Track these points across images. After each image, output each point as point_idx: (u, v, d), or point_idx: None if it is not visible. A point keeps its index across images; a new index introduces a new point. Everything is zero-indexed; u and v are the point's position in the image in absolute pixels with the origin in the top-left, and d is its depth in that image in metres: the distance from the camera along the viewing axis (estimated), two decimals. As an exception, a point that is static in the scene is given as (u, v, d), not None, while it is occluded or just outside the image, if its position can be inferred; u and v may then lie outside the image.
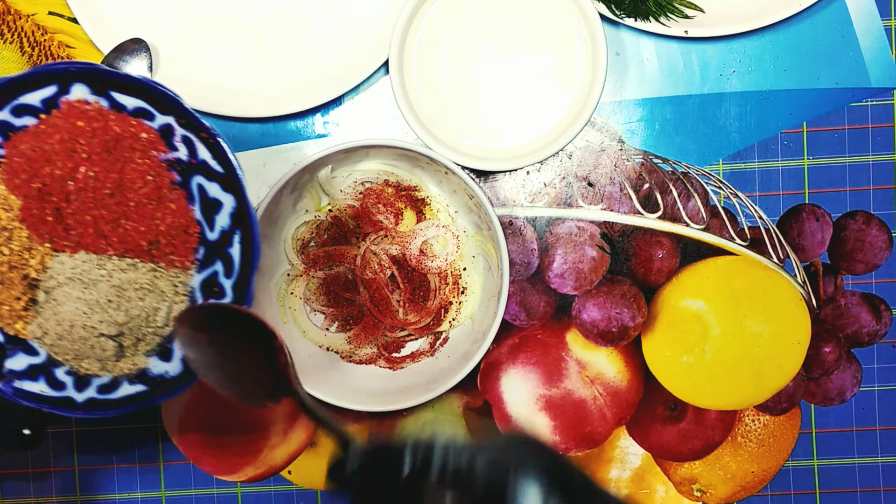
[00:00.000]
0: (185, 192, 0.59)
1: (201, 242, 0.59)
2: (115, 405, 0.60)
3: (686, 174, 0.71)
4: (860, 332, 0.72)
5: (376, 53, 0.68)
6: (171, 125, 0.59)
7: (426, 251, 0.69)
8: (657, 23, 0.68)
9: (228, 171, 0.58)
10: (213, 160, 0.58)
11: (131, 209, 0.58)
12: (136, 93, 0.58)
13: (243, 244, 0.59)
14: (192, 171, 0.59)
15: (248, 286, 0.59)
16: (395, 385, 0.68)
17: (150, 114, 0.59)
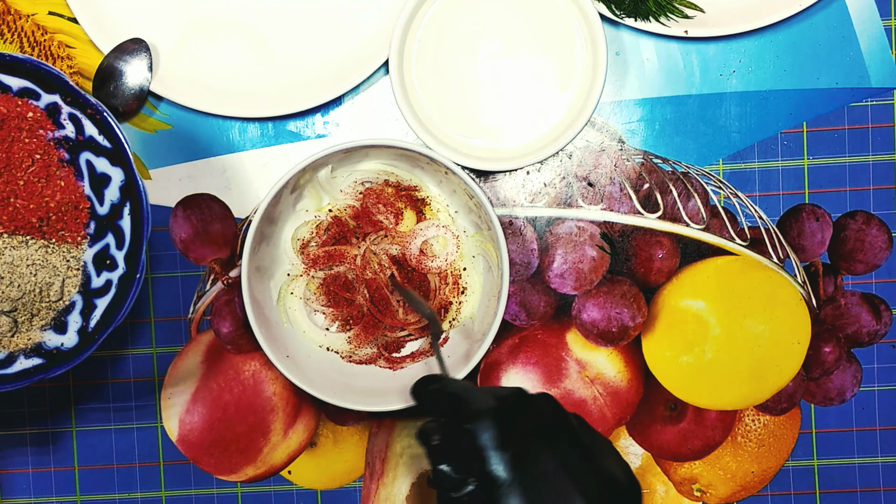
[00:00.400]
0: (73, 169, 0.61)
1: (92, 217, 0.61)
2: (11, 379, 0.62)
3: (686, 174, 0.71)
4: (860, 332, 0.72)
5: (376, 53, 0.68)
6: (58, 103, 0.60)
7: (426, 251, 0.69)
8: (657, 23, 0.68)
9: (115, 146, 0.60)
10: (100, 135, 0.60)
11: (20, 188, 0.60)
12: (20, 73, 0.59)
13: (133, 215, 0.61)
14: (79, 147, 0.61)
15: (138, 256, 0.61)
16: (395, 385, 0.68)
17: (35, 93, 0.60)
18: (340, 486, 0.74)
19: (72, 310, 0.63)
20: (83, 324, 0.63)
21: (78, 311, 0.63)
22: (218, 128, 0.72)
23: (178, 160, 0.72)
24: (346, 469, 0.73)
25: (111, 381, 0.74)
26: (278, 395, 0.72)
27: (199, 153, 0.72)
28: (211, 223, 0.71)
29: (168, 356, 0.73)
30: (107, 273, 0.62)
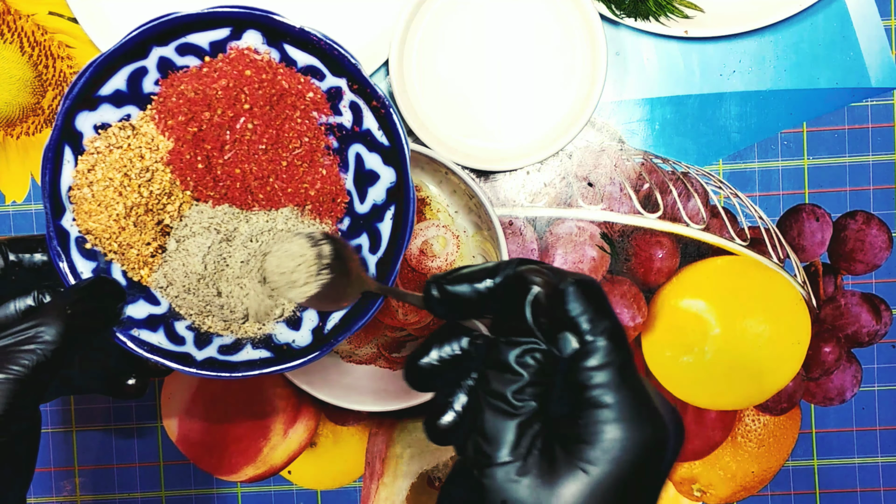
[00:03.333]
0: (339, 159, 0.56)
1: (348, 213, 0.56)
2: (234, 367, 0.56)
3: (686, 174, 0.71)
4: (860, 332, 0.72)
5: (376, 53, 0.68)
6: (342, 89, 0.55)
7: (426, 251, 0.69)
8: (657, 23, 0.68)
9: (394, 145, 0.55)
10: (380, 130, 0.55)
11: (282, 169, 0.55)
12: (311, 49, 0.54)
13: (395, 221, 0.55)
14: (352, 138, 0.55)
15: (393, 266, 0.55)
16: (395, 385, 0.68)
17: (321, 73, 0.55)
18: (340, 486, 0.74)
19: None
20: (319, 324, 0.56)
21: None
22: (218, 128, 0.72)
23: (178, 160, 0.72)
24: (346, 469, 0.73)
25: (111, 381, 0.74)
26: (278, 395, 0.72)
27: (199, 153, 0.72)
28: (211, 223, 0.71)
29: (168, 356, 0.73)
30: None
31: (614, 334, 0.38)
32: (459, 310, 0.40)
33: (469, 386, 0.41)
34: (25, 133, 0.72)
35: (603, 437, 0.36)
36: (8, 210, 0.73)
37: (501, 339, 0.38)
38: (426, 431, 0.42)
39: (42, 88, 0.72)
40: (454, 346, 0.42)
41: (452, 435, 0.41)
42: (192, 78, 0.54)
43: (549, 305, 0.38)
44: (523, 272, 0.39)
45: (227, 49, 0.54)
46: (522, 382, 0.37)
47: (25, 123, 0.72)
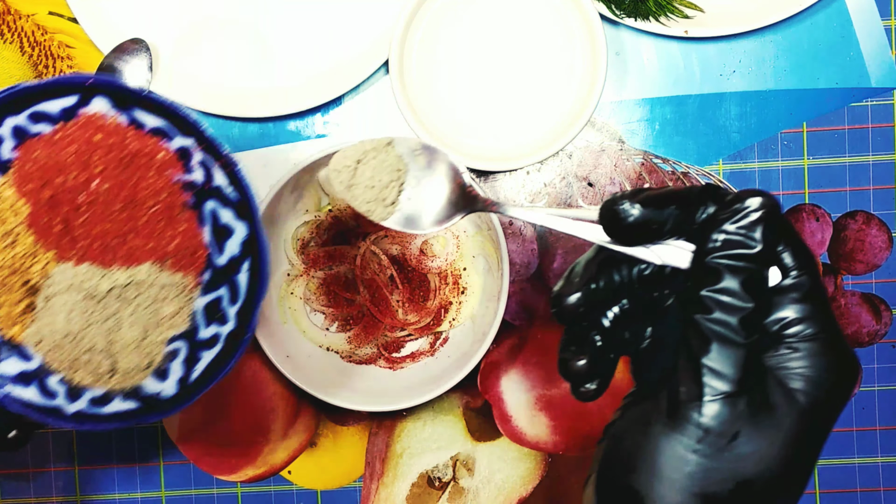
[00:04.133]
0: (196, 214, 0.59)
1: (208, 266, 0.59)
2: (105, 419, 0.60)
3: (686, 174, 0.71)
4: (860, 332, 0.72)
5: (376, 53, 0.68)
6: (189, 148, 0.58)
7: (426, 251, 0.69)
8: (657, 23, 0.68)
9: (244, 199, 0.58)
10: (230, 186, 0.58)
11: (141, 226, 0.58)
12: (156, 111, 0.58)
13: (251, 273, 0.59)
14: (206, 195, 0.59)
15: (252, 315, 0.59)
16: (395, 385, 0.68)
17: (169, 134, 0.58)
18: (340, 486, 0.74)
19: (175, 357, 0.61)
20: (185, 374, 0.60)
21: (181, 359, 0.60)
22: (218, 128, 0.72)
23: (178, 160, 0.72)
24: (346, 469, 0.73)
25: (111, 381, 0.74)
26: (278, 395, 0.72)
27: (199, 153, 0.72)
28: (211, 223, 0.71)
29: (168, 356, 0.73)
30: (216, 326, 0.60)
31: (814, 269, 0.37)
32: (648, 233, 0.38)
33: (614, 318, 0.40)
34: (25, 133, 0.72)
35: (811, 371, 0.36)
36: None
37: (724, 262, 0.36)
38: (560, 367, 0.40)
39: (42, 88, 0.72)
40: (617, 275, 0.40)
41: (580, 373, 0.40)
42: (46, 144, 0.57)
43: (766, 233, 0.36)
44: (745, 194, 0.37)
45: (78, 115, 0.58)
46: (749, 310, 0.36)
47: (25, 123, 0.72)
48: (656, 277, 0.40)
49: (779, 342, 0.37)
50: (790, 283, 0.37)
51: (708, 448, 0.36)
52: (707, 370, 0.35)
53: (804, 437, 0.36)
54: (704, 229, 0.37)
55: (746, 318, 0.35)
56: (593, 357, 0.40)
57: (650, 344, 0.42)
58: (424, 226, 0.46)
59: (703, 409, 0.35)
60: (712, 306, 0.36)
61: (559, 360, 0.40)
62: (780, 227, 0.37)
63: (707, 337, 0.36)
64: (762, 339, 0.37)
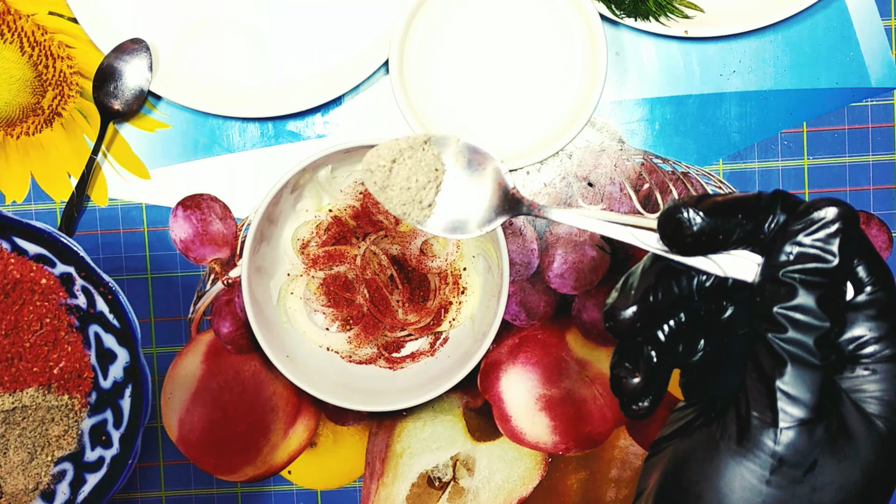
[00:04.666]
0: (82, 337, 0.60)
1: (94, 387, 0.61)
2: None
3: (686, 174, 0.71)
4: (860, 332, 0.72)
5: (376, 53, 0.68)
6: (72, 275, 0.59)
7: (426, 251, 0.69)
8: (657, 23, 0.68)
9: (124, 327, 0.59)
10: (111, 314, 0.59)
11: (26, 350, 0.60)
12: (38, 241, 0.59)
13: (133, 398, 0.60)
14: (90, 319, 0.60)
15: (135, 440, 0.60)
16: (395, 385, 0.68)
17: (51, 261, 0.59)
18: (340, 486, 0.74)
19: (62, 479, 0.62)
20: (70, 496, 0.61)
21: (68, 481, 0.62)
22: (218, 128, 0.72)
23: (178, 160, 0.72)
24: (346, 469, 0.73)
25: (111, 381, 0.74)
26: (278, 395, 0.72)
27: (199, 153, 0.72)
28: (211, 223, 0.71)
29: (168, 356, 0.73)
30: (101, 449, 0.61)
31: (891, 284, 0.35)
32: (712, 243, 0.35)
33: (670, 332, 0.37)
34: (25, 133, 0.72)
35: (893, 391, 0.34)
36: (8, 210, 0.73)
37: (799, 276, 0.33)
38: (612, 385, 0.38)
39: (42, 88, 0.72)
40: (675, 287, 0.37)
41: (634, 390, 0.37)
42: None
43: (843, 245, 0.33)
44: (816, 204, 0.34)
45: None
46: (826, 329, 0.33)
47: (25, 123, 0.72)
48: (718, 290, 0.37)
49: (854, 363, 0.35)
50: (865, 300, 0.35)
51: (782, 479, 0.33)
52: (782, 394, 0.33)
53: (884, 464, 0.34)
54: (776, 241, 0.34)
55: (823, 337, 0.33)
56: (648, 374, 0.37)
57: (703, 357, 0.39)
58: (468, 230, 0.43)
59: (779, 436, 0.33)
60: (786, 324, 0.33)
61: (611, 377, 0.38)
62: (858, 239, 0.34)
63: (781, 358, 0.33)
64: (837, 360, 0.35)
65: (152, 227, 0.73)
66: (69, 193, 0.72)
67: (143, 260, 0.73)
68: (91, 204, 0.73)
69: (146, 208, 0.73)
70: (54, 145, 0.72)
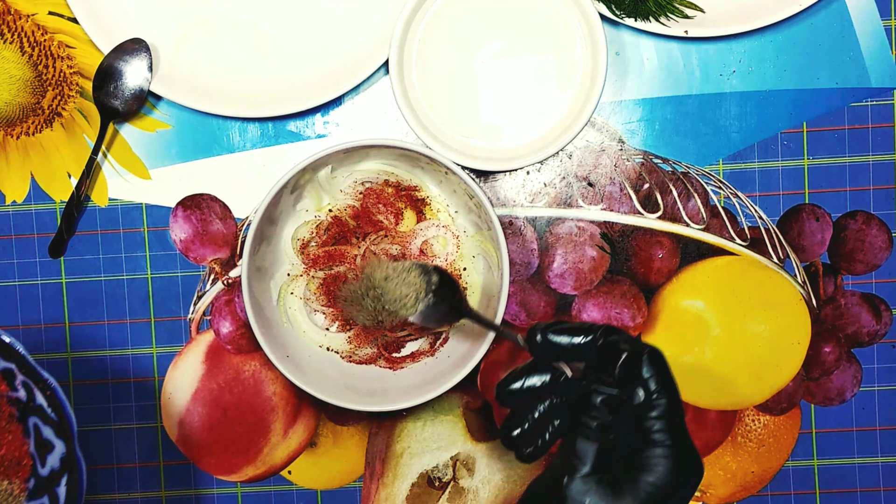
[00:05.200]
0: (22, 427, 0.63)
1: (33, 475, 0.63)
2: None
3: (686, 174, 0.71)
4: (860, 332, 0.72)
5: (376, 53, 0.68)
6: (13, 370, 0.62)
7: (426, 251, 0.69)
8: (657, 23, 0.68)
9: (62, 420, 0.62)
10: (49, 407, 0.62)
11: None
12: None
13: (69, 487, 0.62)
14: (29, 411, 0.63)
15: None
16: (395, 385, 0.68)
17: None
18: (340, 486, 0.74)
19: None
20: None
21: None
22: (218, 128, 0.72)
23: (178, 160, 0.72)
24: (346, 469, 0.73)
25: (111, 381, 0.74)
26: (278, 395, 0.72)
27: (199, 153, 0.72)
28: (211, 223, 0.71)
29: (168, 356, 0.73)
30: None
31: (673, 394, 0.50)
32: (553, 354, 0.53)
33: (543, 408, 0.53)
34: (25, 133, 0.72)
35: (658, 468, 0.49)
36: (8, 210, 0.73)
37: (593, 386, 0.51)
38: (501, 437, 0.54)
39: (42, 88, 0.72)
40: (540, 378, 0.54)
41: (519, 442, 0.54)
42: None
43: (629, 367, 0.50)
44: (616, 341, 0.51)
45: None
46: (605, 420, 0.50)
47: (25, 123, 0.72)
48: (570, 383, 0.54)
49: (650, 444, 0.50)
50: (652, 402, 0.50)
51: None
52: (573, 455, 0.51)
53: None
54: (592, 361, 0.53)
55: (602, 425, 0.51)
56: (529, 429, 0.53)
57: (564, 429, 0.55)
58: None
59: (570, 481, 0.51)
60: (582, 413, 0.51)
61: (502, 437, 0.54)
62: (651, 360, 0.50)
63: (575, 432, 0.51)
64: (625, 439, 0.50)
65: (152, 227, 0.73)
66: (69, 193, 0.72)
67: (143, 260, 0.73)
68: (91, 204, 0.73)
69: (146, 208, 0.73)
70: (54, 145, 0.72)
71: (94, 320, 0.73)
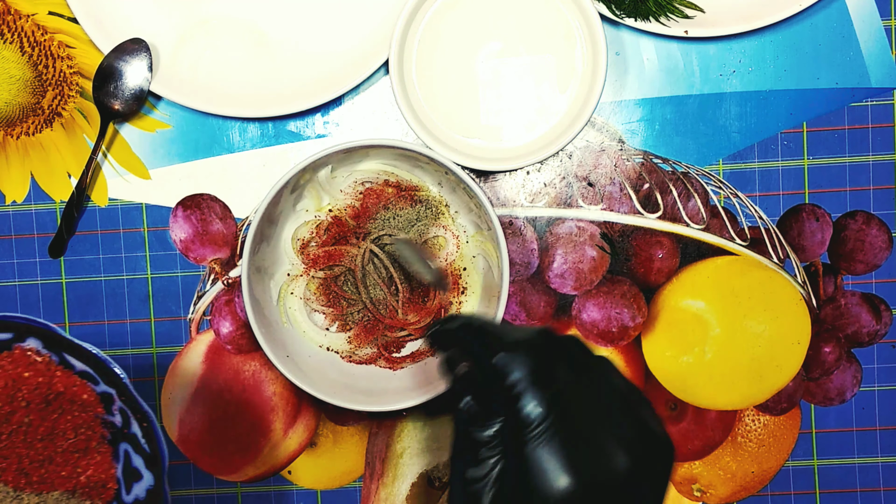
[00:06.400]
0: (112, 450, 0.63)
1: (116, 499, 0.63)
2: None
3: (686, 174, 0.71)
4: (860, 332, 0.72)
5: (376, 53, 0.68)
6: (113, 395, 0.62)
7: (426, 251, 0.69)
8: (657, 23, 0.68)
9: (155, 453, 0.62)
10: (143, 438, 0.62)
11: (57, 454, 0.62)
12: (85, 359, 0.62)
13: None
14: (122, 437, 0.63)
15: None
16: (395, 385, 0.68)
17: (95, 379, 0.62)
18: (340, 486, 0.74)
19: None
20: None
21: None
22: (218, 128, 0.72)
23: (178, 160, 0.72)
24: (346, 469, 0.73)
25: (111, 381, 0.74)
26: (278, 395, 0.72)
27: (199, 153, 0.72)
28: (211, 223, 0.71)
29: (168, 356, 0.73)
30: None
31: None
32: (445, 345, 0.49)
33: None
34: (25, 133, 0.72)
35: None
36: (8, 210, 0.73)
37: (471, 428, 0.45)
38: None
39: (42, 88, 0.72)
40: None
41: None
42: None
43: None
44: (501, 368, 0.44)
45: (12, 348, 0.62)
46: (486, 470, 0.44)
47: (25, 123, 0.72)
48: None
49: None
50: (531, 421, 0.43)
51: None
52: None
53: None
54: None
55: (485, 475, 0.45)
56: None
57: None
58: None
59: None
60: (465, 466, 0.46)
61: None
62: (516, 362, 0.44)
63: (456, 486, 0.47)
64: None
65: (152, 227, 0.73)
66: (69, 193, 0.72)
67: (143, 260, 0.73)
68: (91, 204, 0.73)
69: (146, 208, 0.73)
70: (54, 145, 0.72)
71: (94, 320, 0.73)
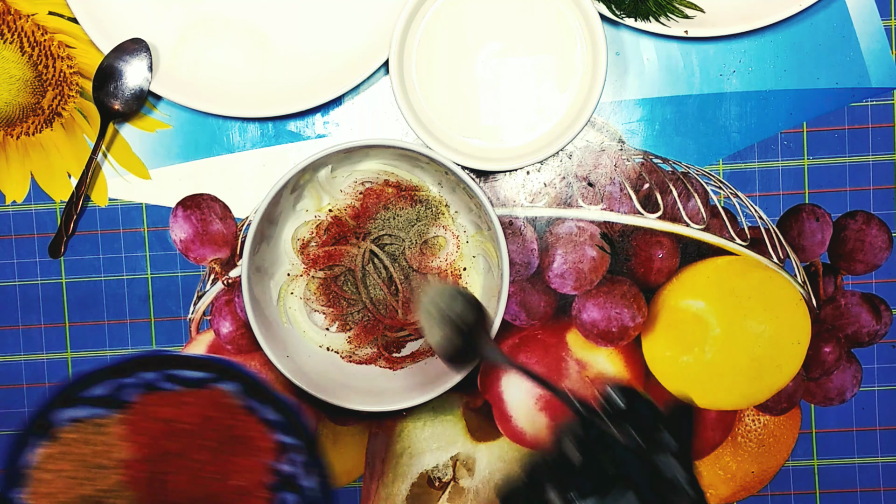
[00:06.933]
0: (272, 497, 0.60)
1: None
2: None
3: (686, 174, 0.71)
4: (860, 332, 0.72)
5: (376, 53, 0.68)
6: (294, 447, 0.60)
7: (426, 251, 0.69)
8: (657, 23, 0.68)
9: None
10: (321, 494, 0.60)
11: (221, 495, 0.60)
12: (277, 408, 0.60)
13: None
14: (289, 487, 0.60)
15: None
16: (395, 385, 0.68)
17: (277, 428, 0.60)
18: (340, 486, 0.74)
19: None
20: None
21: None
22: (218, 128, 0.72)
23: (178, 160, 0.72)
24: (346, 469, 0.73)
25: (111, 381, 0.74)
26: (278, 395, 0.72)
27: (199, 153, 0.72)
28: (211, 223, 0.71)
29: (168, 356, 0.73)
30: None
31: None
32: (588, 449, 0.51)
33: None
34: (25, 133, 0.72)
35: None
36: (8, 210, 0.73)
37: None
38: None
39: (42, 88, 0.72)
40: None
41: None
42: (166, 403, 0.59)
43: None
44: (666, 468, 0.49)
45: (207, 387, 0.60)
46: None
47: (25, 123, 0.72)
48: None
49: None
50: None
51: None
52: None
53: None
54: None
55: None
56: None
57: None
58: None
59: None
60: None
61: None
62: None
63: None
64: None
65: (152, 227, 0.73)
66: (69, 193, 0.72)
67: (143, 260, 0.73)
68: (91, 204, 0.73)
69: (146, 208, 0.73)
70: (54, 145, 0.72)
71: (94, 320, 0.73)
